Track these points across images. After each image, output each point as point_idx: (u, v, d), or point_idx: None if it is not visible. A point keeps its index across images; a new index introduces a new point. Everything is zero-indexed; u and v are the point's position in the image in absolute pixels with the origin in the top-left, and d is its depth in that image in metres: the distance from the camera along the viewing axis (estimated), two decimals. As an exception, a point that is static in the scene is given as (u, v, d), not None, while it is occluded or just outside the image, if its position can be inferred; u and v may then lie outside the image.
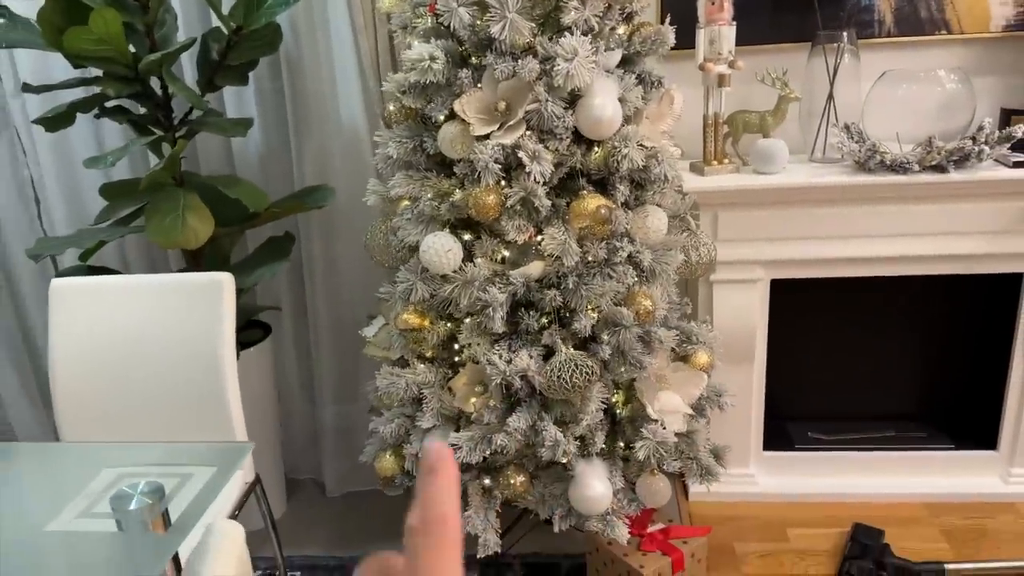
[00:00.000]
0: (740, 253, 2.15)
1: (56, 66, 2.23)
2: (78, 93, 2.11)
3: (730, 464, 2.29)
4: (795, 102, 2.14)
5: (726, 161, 2.16)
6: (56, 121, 2.00)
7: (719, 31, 2.03)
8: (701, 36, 2.05)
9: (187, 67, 2.27)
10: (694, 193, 2.06)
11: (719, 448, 1.97)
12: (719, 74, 2.07)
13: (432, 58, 1.59)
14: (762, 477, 2.38)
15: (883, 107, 2.09)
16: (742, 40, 2.10)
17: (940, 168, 1.99)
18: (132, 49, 1.94)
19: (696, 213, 2.04)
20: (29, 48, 1.99)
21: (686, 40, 2.07)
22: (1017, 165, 1.98)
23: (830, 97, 2.13)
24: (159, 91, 2.06)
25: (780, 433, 2.44)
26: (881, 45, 2.19)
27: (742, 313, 2.21)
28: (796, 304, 2.33)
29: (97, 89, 2.01)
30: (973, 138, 2.00)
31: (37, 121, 2.00)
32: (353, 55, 2.21)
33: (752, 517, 2.28)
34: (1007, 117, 2.16)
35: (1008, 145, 2.01)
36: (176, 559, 1.15)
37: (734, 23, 2.04)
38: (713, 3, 2.01)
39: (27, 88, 2.03)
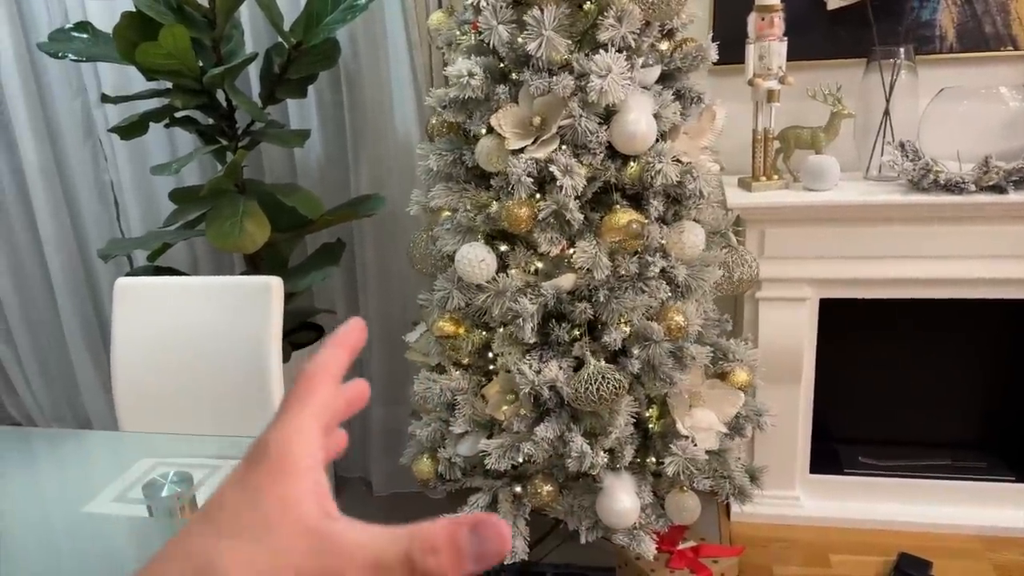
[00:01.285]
0: (787, 271, 2.12)
1: (135, 79, 2.37)
2: (152, 104, 2.25)
3: (775, 485, 2.26)
4: (848, 119, 2.10)
5: (775, 177, 2.14)
6: (130, 130, 2.14)
7: (769, 46, 2.02)
8: (751, 51, 2.04)
9: (254, 80, 2.39)
10: (740, 209, 2.05)
11: (755, 469, 1.95)
12: (768, 90, 2.05)
13: (471, 74, 1.64)
14: (808, 500, 2.33)
15: (941, 125, 2.03)
16: (795, 55, 2.08)
17: (999, 188, 1.92)
18: (200, 63, 2.06)
19: (739, 229, 2.03)
20: (108, 62, 2.13)
21: (736, 55, 2.06)
22: (1084, 187, 1.90)
23: (886, 114, 2.08)
24: (224, 103, 2.17)
25: (829, 456, 2.38)
26: (942, 61, 2.13)
27: (789, 332, 2.17)
28: (850, 324, 2.27)
29: (168, 100, 2.14)
30: (1036, 158, 1.92)
31: (112, 130, 2.14)
32: (409, 69, 2.28)
33: (794, 540, 2.23)
34: (1078, 136, 2.07)
35: (1075, 166, 1.92)
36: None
37: (785, 39, 2.02)
38: (763, 19, 2.00)
39: (105, 99, 2.17)
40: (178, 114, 2.19)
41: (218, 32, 2.07)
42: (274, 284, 1.85)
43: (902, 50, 2.04)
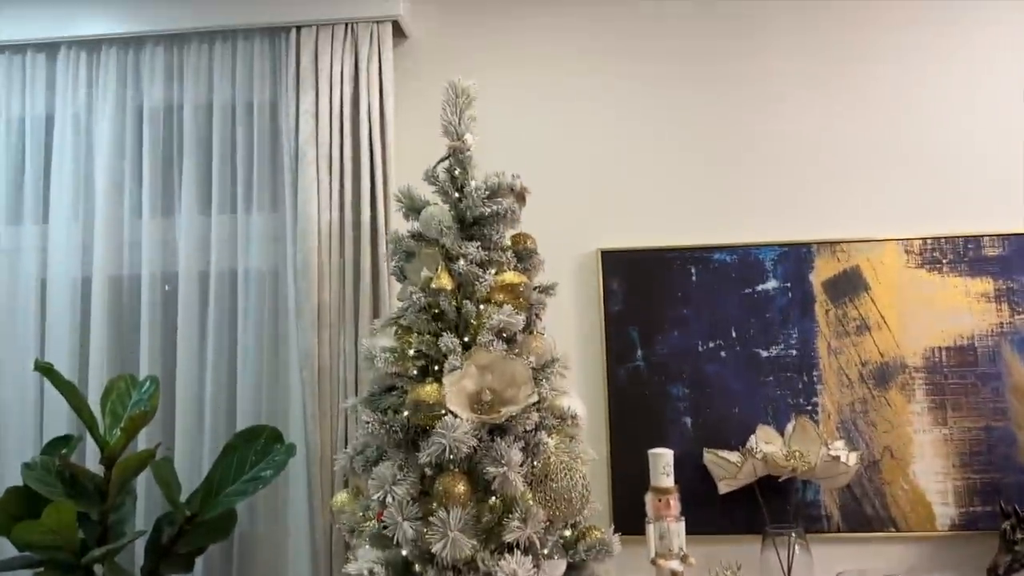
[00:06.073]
0: None
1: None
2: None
3: None
4: (753, 596, 2.09)
5: (688, 662, 2.04)
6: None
7: (668, 527, 2.05)
8: (651, 531, 2.07)
9: (139, 550, 2.25)
10: None
11: None
12: (672, 571, 2.05)
13: (372, 573, 1.58)
14: None
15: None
16: (694, 529, 2.11)
17: None
18: (81, 535, 1.93)
19: None
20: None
21: (639, 525, 2.07)
22: None
23: (788, 596, 2.09)
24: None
25: None
26: (831, 540, 2.21)
27: None
28: None
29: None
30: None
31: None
32: (308, 534, 2.20)
33: None
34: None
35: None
36: None
37: (682, 518, 2.07)
38: (660, 500, 2.06)
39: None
40: None
41: (108, 505, 1.99)
42: None
43: (793, 530, 2.12)
